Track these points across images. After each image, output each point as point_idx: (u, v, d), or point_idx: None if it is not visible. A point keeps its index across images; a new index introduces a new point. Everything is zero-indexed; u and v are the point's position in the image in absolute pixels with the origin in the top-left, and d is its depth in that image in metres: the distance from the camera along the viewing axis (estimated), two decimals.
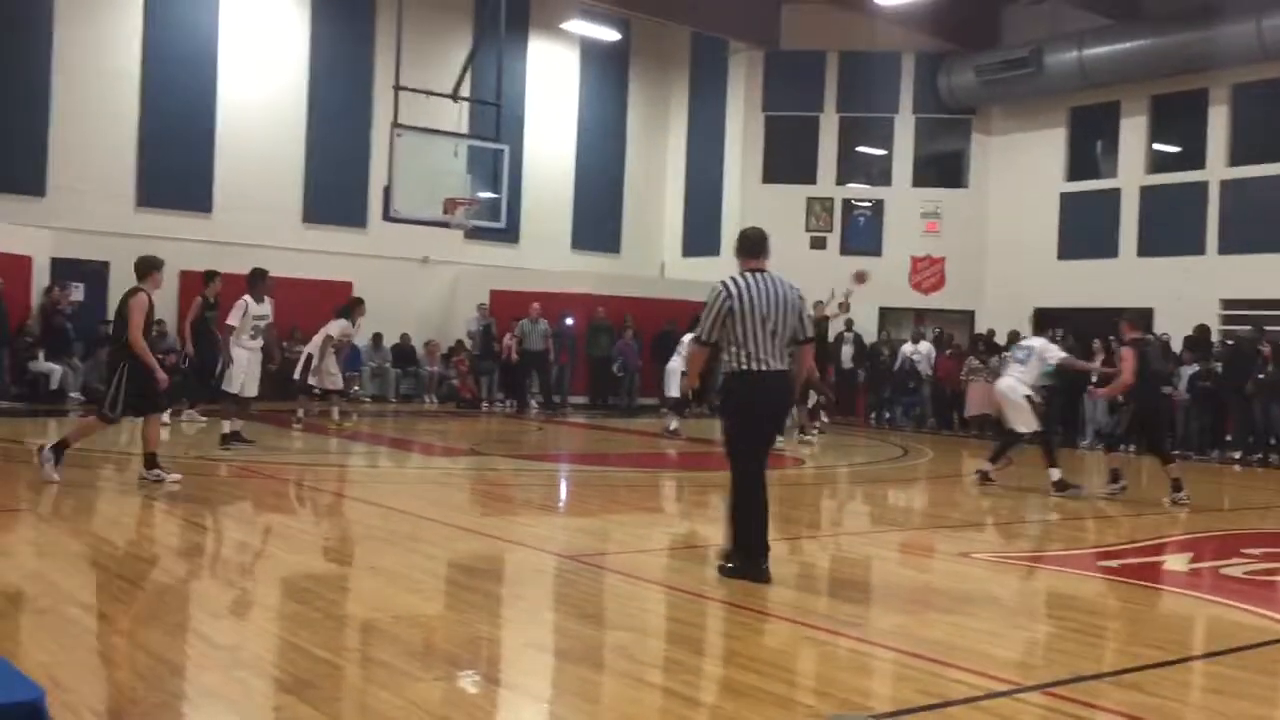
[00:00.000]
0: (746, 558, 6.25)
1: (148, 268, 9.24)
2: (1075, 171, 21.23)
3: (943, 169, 23.29)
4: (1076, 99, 20.74)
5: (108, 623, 5.07)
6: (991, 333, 19.79)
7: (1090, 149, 21.37)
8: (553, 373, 20.77)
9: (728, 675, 4.59)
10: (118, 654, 4.60)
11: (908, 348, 20.48)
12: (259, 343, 12.27)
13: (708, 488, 11.21)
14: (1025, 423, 11.07)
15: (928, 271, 22.63)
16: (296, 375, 14.70)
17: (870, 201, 23.03)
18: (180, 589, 5.91)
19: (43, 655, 4.30)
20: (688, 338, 13.38)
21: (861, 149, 23.59)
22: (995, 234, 22.08)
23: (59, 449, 9.03)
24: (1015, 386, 11.14)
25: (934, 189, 22.79)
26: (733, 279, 6.42)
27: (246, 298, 12.18)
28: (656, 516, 9.59)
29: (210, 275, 13.82)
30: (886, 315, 22.70)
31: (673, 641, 5.17)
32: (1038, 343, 11.52)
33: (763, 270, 6.47)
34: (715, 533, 8.24)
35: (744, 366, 6.30)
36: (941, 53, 21.97)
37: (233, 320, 12.12)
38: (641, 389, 21.27)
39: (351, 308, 15.11)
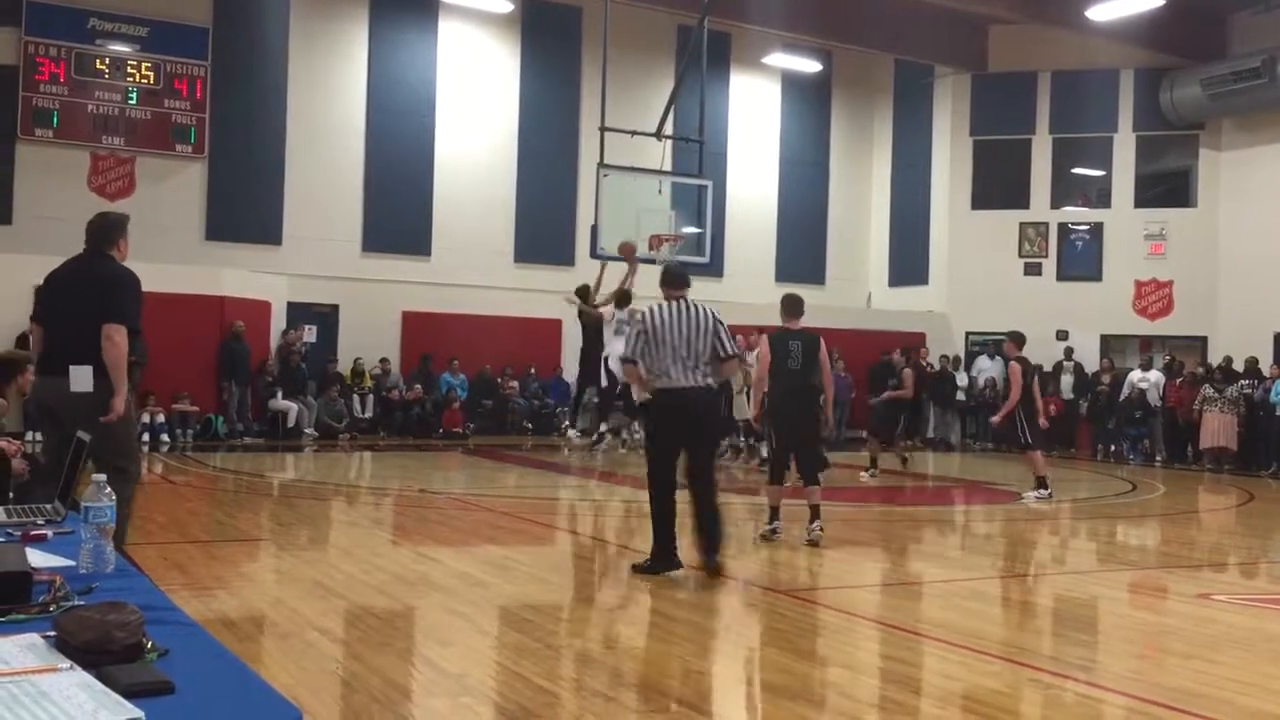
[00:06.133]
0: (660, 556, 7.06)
1: None
2: None
3: (1168, 188, 22.11)
4: None
5: (344, 647, 5.34)
6: (1229, 360, 18.56)
7: None
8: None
9: (946, 717, 4.45)
10: (354, 678, 4.84)
11: (1135, 375, 19.44)
12: None
13: (920, 523, 10.95)
14: None
15: (1154, 296, 21.48)
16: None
17: (1088, 225, 22.10)
18: (408, 616, 6.18)
19: (286, 678, 4.58)
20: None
21: (1078, 170, 22.68)
22: (1228, 254, 20.75)
23: None
24: None
25: (1158, 209, 21.66)
26: None
27: None
28: (868, 551, 9.40)
29: None
30: (1109, 342, 21.65)
31: (889, 680, 5.05)
32: None
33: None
34: (932, 568, 8.05)
35: None
36: (1163, 67, 20.94)
37: None
38: (850, 421, 20.91)
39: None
